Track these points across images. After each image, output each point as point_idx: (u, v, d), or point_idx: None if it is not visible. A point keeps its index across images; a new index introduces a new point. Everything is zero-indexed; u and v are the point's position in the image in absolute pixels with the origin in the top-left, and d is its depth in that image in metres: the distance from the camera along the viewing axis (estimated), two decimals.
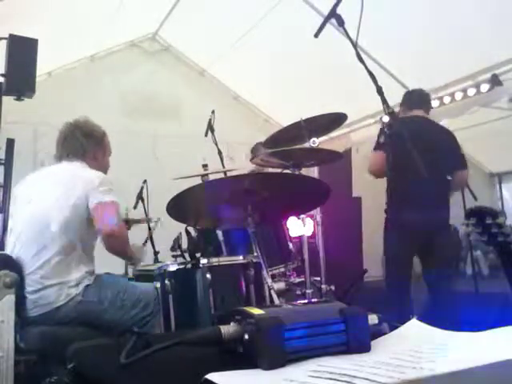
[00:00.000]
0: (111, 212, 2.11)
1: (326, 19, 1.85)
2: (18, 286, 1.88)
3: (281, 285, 2.27)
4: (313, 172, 5.09)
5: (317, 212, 2.54)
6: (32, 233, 2.08)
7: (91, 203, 2.09)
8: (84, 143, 2.26)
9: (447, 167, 3.03)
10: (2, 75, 3.02)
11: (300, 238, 2.53)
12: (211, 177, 2.83)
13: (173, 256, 2.62)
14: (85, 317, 2.04)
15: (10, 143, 3.07)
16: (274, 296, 1.77)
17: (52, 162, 2.33)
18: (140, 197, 3.77)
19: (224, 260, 1.94)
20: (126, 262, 3.35)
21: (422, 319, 1.09)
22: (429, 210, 2.89)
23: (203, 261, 1.84)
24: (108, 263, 2.83)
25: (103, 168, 2.37)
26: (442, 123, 4.23)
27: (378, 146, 2.94)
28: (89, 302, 2.04)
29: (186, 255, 2.12)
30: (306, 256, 2.40)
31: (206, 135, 3.35)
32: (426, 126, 3.12)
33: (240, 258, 1.91)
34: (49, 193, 2.12)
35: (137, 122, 5.38)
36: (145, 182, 3.78)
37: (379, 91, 2.12)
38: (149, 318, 2.11)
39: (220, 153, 3.36)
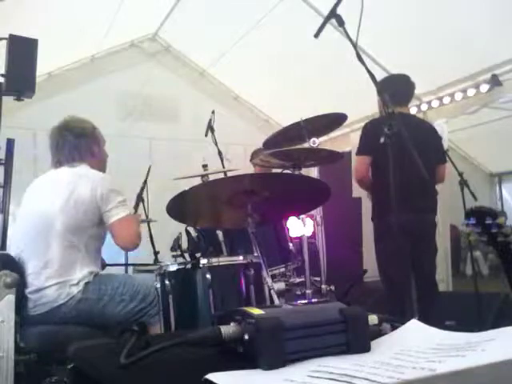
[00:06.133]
0: (129, 227, 2.17)
1: (326, 19, 1.85)
2: (19, 286, 1.88)
3: (281, 285, 2.27)
4: (313, 172, 5.09)
5: (317, 212, 2.53)
6: (36, 233, 2.09)
7: (109, 219, 2.12)
8: (78, 145, 2.25)
9: (432, 163, 2.98)
10: (2, 75, 3.01)
11: (300, 238, 2.53)
12: (211, 177, 2.83)
13: (173, 256, 2.63)
14: (85, 314, 2.04)
15: (10, 143, 3.07)
16: (274, 296, 1.77)
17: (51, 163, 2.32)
18: (140, 197, 3.78)
19: (224, 260, 1.94)
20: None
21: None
22: (422, 209, 2.89)
23: (203, 261, 1.84)
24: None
25: (102, 160, 2.39)
26: (438, 122, 4.24)
27: (364, 150, 2.96)
28: (89, 298, 2.05)
29: (186, 255, 2.13)
30: (306, 256, 2.40)
31: (206, 135, 3.35)
32: (415, 123, 3.07)
33: (240, 258, 1.90)
34: (53, 196, 2.12)
35: (137, 122, 5.38)
36: (145, 182, 3.79)
37: (379, 91, 2.12)
38: (147, 308, 2.11)
39: (220, 153, 3.36)
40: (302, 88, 5.04)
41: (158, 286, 1.90)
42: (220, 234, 2.66)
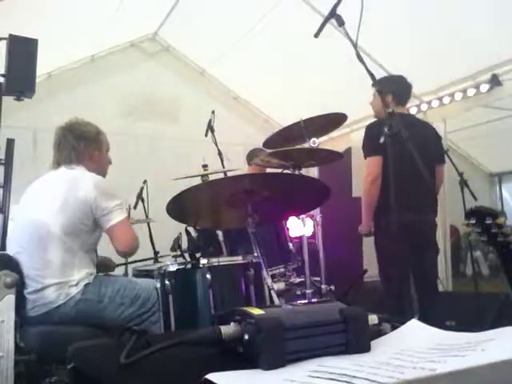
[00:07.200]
0: (127, 231, 2.18)
1: (326, 19, 1.86)
2: (19, 286, 1.88)
3: (281, 285, 2.27)
4: (313, 172, 5.09)
5: (317, 212, 2.53)
6: (34, 235, 2.09)
7: (105, 223, 2.12)
8: (76, 146, 2.25)
9: (432, 164, 2.98)
10: (2, 75, 3.02)
11: (300, 238, 2.53)
12: (211, 177, 2.83)
13: (173, 256, 2.63)
14: (85, 315, 2.04)
15: (10, 143, 3.07)
16: (274, 296, 1.77)
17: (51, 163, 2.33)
18: (140, 197, 3.78)
19: (224, 260, 1.94)
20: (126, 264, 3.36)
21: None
22: (423, 209, 2.89)
23: (203, 261, 1.84)
24: None
25: (102, 166, 2.38)
26: (436, 124, 4.23)
27: (375, 151, 2.83)
28: (88, 300, 2.05)
29: (186, 255, 2.13)
30: (305, 256, 2.40)
31: (206, 135, 3.35)
32: (415, 123, 3.05)
33: (240, 258, 1.90)
34: (51, 198, 2.12)
35: (137, 123, 5.38)
36: (145, 182, 3.80)
37: (379, 91, 2.13)
38: (147, 314, 2.11)
39: (220, 153, 3.37)
40: (302, 88, 5.04)
41: (158, 285, 1.90)
42: (220, 234, 2.66)
